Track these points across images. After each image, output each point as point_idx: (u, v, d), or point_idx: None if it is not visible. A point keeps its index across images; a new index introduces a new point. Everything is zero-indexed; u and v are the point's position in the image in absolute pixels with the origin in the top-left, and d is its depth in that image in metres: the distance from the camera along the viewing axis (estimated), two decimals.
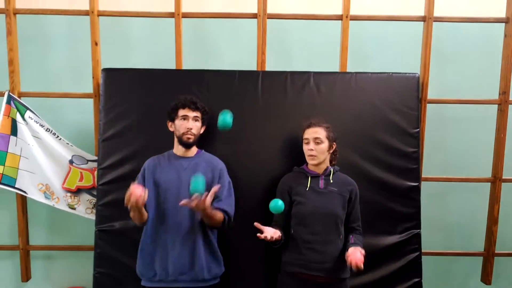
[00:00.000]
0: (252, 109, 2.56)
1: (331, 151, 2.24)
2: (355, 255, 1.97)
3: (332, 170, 2.23)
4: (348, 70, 2.71)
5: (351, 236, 2.18)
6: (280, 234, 2.08)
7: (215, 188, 1.99)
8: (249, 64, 2.72)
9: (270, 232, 2.00)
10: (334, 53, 2.79)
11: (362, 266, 1.93)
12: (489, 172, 2.88)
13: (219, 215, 2.13)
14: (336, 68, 2.74)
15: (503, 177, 2.83)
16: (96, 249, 2.53)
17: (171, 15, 2.68)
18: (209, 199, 1.94)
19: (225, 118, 1.97)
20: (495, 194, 2.84)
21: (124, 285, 2.51)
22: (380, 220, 2.53)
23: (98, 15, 2.68)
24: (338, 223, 2.15)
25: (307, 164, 2.27)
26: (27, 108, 2.67)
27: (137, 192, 1.91)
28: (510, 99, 2.78)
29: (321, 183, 2.20)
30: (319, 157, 2.18)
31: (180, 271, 2.11)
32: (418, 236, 2.57)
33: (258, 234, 1.98)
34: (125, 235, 2.50)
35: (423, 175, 2.77)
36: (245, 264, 2.48)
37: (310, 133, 2.20)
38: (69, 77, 2.98)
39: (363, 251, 2.01)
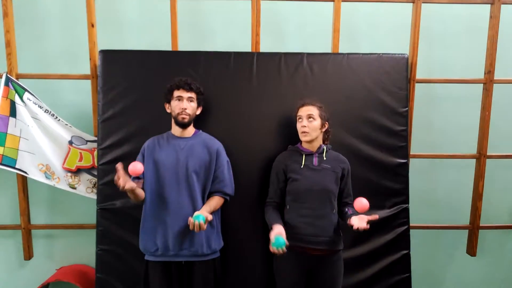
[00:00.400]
0: (247, 89, 2.62)
1: (323, 130, 2.32)
2: (363, 223, 2.03)
3: (325, 148, 2.32)
4: (340, 51, 2.77)
5: (347, 208, 2.28)
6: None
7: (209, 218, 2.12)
8: (244, 45, 2.77)
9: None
10: (327, 34, 2.85)
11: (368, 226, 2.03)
12: (475, 149, 2.99)
13: (220, 203, 2.31)
14: (329, 49, 2.81)
15: (488, 154, 2.94)
16: (98, 227, 2.61)
17: None
18: (204, 226, 2.08)
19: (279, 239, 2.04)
20: (480, 170, 2.95)
21: (126, 261, 2.60)
22: (371, 195, 2.55)
23: None
24: (332, 198, 2.25)
25: (301, 142, 2.36)
26: (25, 90, 2.71)
27: (132, 166, 2.05)
28: (494, 78, 2.87)
29: (315, 160, 2.28)
30: (312, 134, 2.26)
31: (180, 246, 2.21)
32: (406, 211, 2.69)
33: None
34: (126, 212, 2.59)
35: (412, 152, 2.89)
36: (244, 239, 2.58)
37: (304, 111, 2.28)
38: (65, 58, 3.00)
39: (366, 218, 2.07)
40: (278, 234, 2.03)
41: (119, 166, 2.05)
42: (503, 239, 3.28)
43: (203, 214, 2.09)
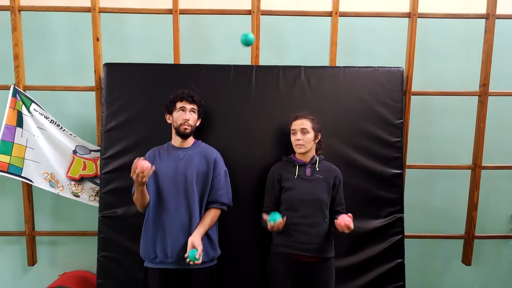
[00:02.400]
0: (246, 101, 2.69)
1: (316, 141, 2.39)
2: (344, 218, 2.14)
3: (317, 159, 2.39)
4: (337, 64, 2.84)
5: (337, 215, 2.32)
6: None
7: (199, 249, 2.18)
8: (244, 58, 2.84)
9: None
10: (325, 47, 2.92)
11: (351, 226, 2.11)
12: (470, 160, 3.04)
13: (216, 216, 2.36)
14: (327, 62, 2.88)
15: (483, 165, 2.98)
16: (100, 234, 2.68)
17: (169, 11, 2.80)
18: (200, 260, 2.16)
19: (247, 35, 2.19)
20: (475, 180, 3.00)
21: (127, 267, 2.66)
22: (366, 205, 2.69)
23: (99, 12, 2.79)
24: (324, 207, 2.31)
25: (294, 153, 2.43)
26: (32, 101, 2.79)
27: (143, 163, 2.06)
28: (489, 91, 2.92)
29: (308, 171, 2.35)
30: (306, 146, 2.33)
31: (179, 254, 2.26)
32: (401, 220, 2.74)
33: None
34: (127, 220, 2.65)
35: (408, 163, 2.94)
36: (241, 246, 2.63)
37: (297, 124, 2.35)
38: (71, 71, 3.09)
39: (350, 215, 2.17)
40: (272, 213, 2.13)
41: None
42: (498, 248, 3.31)
43: (195, 245, 2.17)
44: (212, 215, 2.33)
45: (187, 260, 2.13)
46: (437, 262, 3.34)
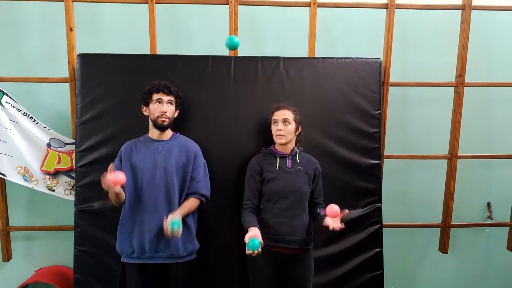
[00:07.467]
0: (225, 92, 2.66)
1: (297, 133, 2.38)
2: (337, 223, 2.14)
3: (298, 151, 2.38)
4: (316, 55, 2.83)
5: (319, 210, 2.35)
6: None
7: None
8: (222, 49, 2.78)
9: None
10: (304, 38, 2.90)
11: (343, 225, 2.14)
12: (446, 150, 3.08)
13: (195, 204, 2.31)
14: (306, 53, 2.87)
15: (459, 154, 3.03)
16: (76, 229, 2.64)
17: (145, 0, 2.73)
18: (180, 233, 2.09)
19: (232, 39, 2.16)
20: (451, 170, 3.04)
21: (104, 262, 2.63)
22: (344, 195, 2.70)
23: (73, 1, 2.70)
24: (304, 199, 2.32)
25: (274, 145, 2.42)
26: (4, 93, 2.71)
27: (113, 176, 2.03)
28: (465, 81, 2.96)
29: (289, 162, 2.35)
30: (287, 137, 2.32)
31: (156, 248, 2.24)
32: (379, 210, 2.77)
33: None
34: (104, 214, 2.61)
35: (386, 153, 2.96)
36: (220, 239, 2.62)
37: (279, 114, 2.34)
38: (44, 62, 3.01)
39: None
40: (252, 236, 2.04)
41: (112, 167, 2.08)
42: (474, 236, 3.39)
43: (178, 218, 2.09)
44: (191, 202, 2.30)
45: (166, 226, 2.04)
46: (414, 250, 3.39)
